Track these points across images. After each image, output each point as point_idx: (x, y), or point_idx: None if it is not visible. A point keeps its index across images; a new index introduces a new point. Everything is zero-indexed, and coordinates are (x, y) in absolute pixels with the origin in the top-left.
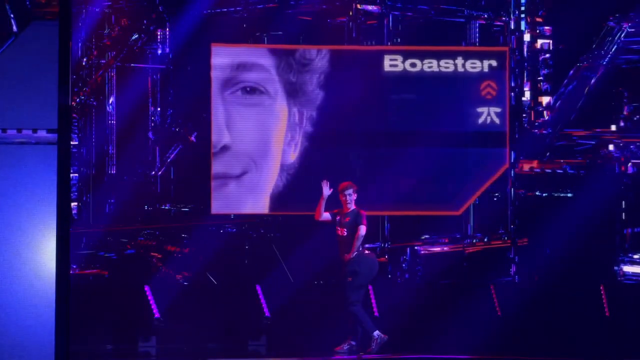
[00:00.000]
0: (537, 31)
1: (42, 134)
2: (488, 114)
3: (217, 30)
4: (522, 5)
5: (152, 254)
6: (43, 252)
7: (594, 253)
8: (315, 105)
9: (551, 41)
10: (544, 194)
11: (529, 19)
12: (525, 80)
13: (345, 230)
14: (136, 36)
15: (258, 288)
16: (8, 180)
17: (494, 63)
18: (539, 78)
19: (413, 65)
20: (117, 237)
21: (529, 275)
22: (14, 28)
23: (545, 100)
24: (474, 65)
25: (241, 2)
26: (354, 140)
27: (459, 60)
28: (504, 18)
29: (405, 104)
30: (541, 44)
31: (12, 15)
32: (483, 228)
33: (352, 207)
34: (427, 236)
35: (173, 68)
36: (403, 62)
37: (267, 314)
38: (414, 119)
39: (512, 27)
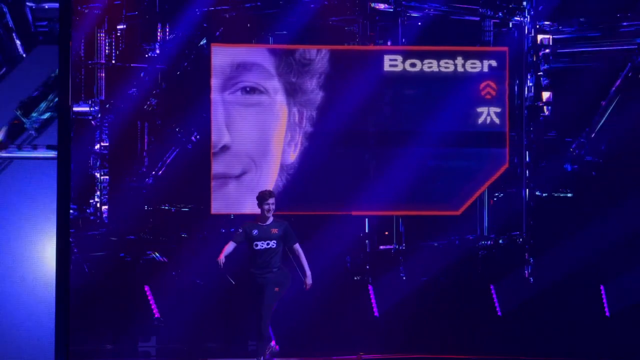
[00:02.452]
0: (537, 26)
1: (42, 150)
2: (488, 114)
3: (217, 30)
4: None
5: (155, 254)
6: (43, 256)
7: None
8: (315, 105)
9: (551, 36)
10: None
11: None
12: (529, 77)
13: (275, 242)
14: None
15: None
16: (11, 189)
17: (494, 63)
18: (539, 73)
19: (413, 65)
20: (121, 238)
21: (544, 276)
22: (21, 52)
23: (545, 95)
24: (474, 65)
25: (245, 2)
26: (354, 140)
27: (459, 60)
28: (517, 18)
29: (405, 104)
30: (541, 39)
31: (18, 41)
32: (497, 229)
33: (272, 216)
34: (439, 237)
35: (173, 68)
36: (403, 62)
37: None
38: (413, 119)
39: (529, 26)
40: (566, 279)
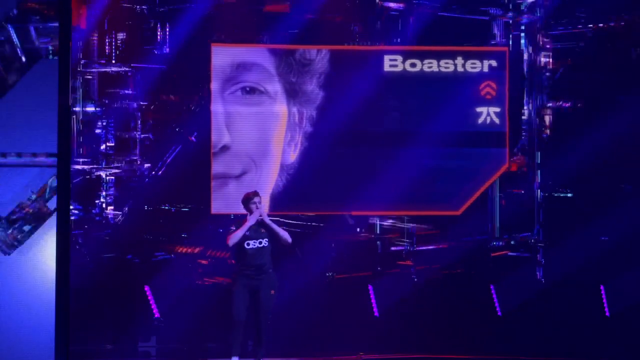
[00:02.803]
0: (544, 28)
1: (41, 158)
2: (488, 114)
3: (218, 30)
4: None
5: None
6: (44, 255)
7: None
8: (315, 105)
9: (551, 59)
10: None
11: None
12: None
13: (266, 240)
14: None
15: None
16: (14, 188)
17: (494, 63)
18: (544, 97)
19: (413, 65)
20: (121, 238)
21: (544, 276)
22: (25, 66)
23: (547, 119)
24: (474, 65)
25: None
26: (353, 140)
27: (459, 60)
28: (526, 16)
29: (405, 104)
30: (544, 62)
31: (22, 57)
32: (509, 229)
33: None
34: (450, 238)
35: (173, 68)
36: (403, 62)
37: None
38: (413, 119)
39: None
40: (566, 279)
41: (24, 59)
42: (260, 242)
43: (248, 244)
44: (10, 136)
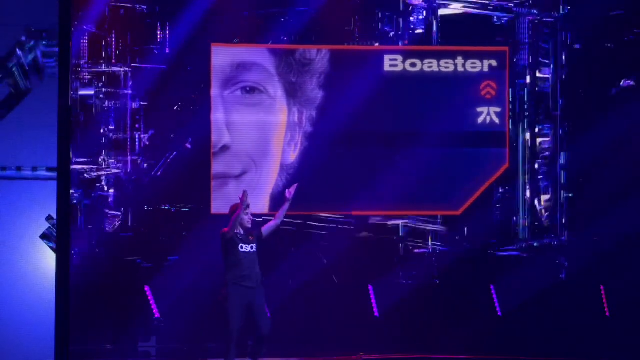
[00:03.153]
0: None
1: (41, 172)
2: (488, 114)
3: (218, 30)
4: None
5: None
6: (44, 255)
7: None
8: (315, 105)
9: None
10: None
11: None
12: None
13: (255, 245)
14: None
15: None
16: (12, 188)
17: (494, 63)
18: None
19: (413, 65)
20: (121, 238)
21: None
22: (29, 84)
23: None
24: (474, 65)
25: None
26: (354, 140)
27: (459, 60)
28: (553, 13)
29: (405, 104)
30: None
31: (29, 75)
32: (534, 232)
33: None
34: (474, 241)
35: (173, 68)
36: (403, 62)
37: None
38: (413, 119)
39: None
40: (566, 279)
41: (30, 78)
42: (252, 247)
43: (242, 247)
44: (12, 144)
